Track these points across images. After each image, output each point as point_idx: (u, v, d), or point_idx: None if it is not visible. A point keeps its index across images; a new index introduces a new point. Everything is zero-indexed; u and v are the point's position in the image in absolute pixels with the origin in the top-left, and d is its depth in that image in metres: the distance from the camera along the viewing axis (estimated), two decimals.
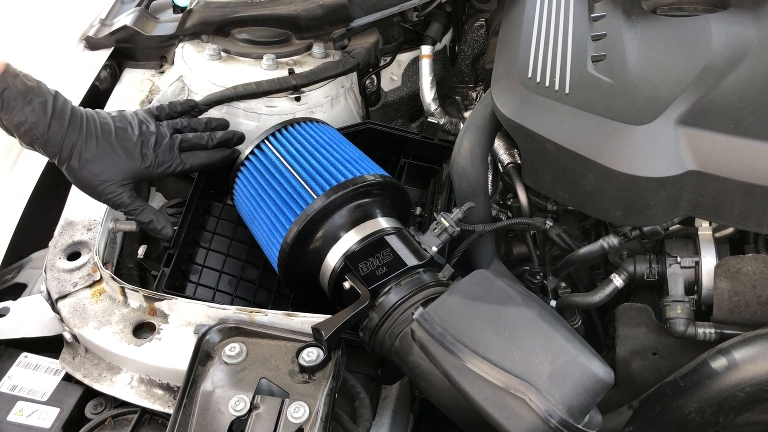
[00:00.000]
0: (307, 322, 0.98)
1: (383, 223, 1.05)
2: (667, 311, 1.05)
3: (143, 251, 1.19)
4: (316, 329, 0.90)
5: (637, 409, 1.05)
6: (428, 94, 1.57)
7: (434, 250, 1.01)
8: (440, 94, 1.62)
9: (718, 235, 1.08)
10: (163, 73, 1.50)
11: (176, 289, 1.11)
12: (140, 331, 1.03)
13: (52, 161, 1.06)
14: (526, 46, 1.11)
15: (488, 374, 0.76)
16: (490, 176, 1.23)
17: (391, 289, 0.94)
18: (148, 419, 0.98)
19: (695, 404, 0.94)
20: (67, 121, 1.03)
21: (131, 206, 1.09)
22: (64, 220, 1.17)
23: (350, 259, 0.99)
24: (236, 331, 0.95)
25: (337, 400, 0.88)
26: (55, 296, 1.06)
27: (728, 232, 1.08)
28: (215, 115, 1.31)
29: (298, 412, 0.83)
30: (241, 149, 1.21)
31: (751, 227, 0.93)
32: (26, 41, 1.50)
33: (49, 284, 1.08)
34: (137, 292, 1.04)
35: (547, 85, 1.02)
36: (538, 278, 1.21)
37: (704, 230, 1.08)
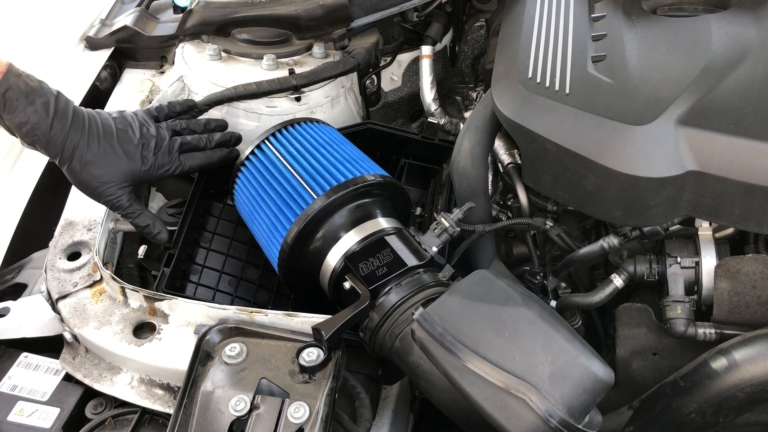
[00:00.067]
0: (307, 322, 0.98)
1: (383, 223, 1.05)
2: (667, 311, 1.05)
3: (143, 251, 1.19)
4: (316, 329, 0.90)
5: (637, 409, 1.05)
6: (428, 94, 1.57)
7: (434, 250, 1.01)
8: (440, 94, 1.62)
9: (718, 235, 1.08)
10: (163, 73, 1.50)
11: (176, 289, 1.11)
12: (140, 331, 1.03)
13: (52, 161, 1.06)
14: (526, 46, 1.11)
15: (488, 374, 0.76)
16: (490, 176, 1.23)
17: (391, 289, 0.94)
18: (148, 419, 0.98)
19: (695, 404, 0.95)
20: (69, 121, 1.03)
21: (129, 209, 1.09)
22: (64, 220, 1.17)
23: (350, 259, 0.99)
24: (236, 331, 0.95)
25: (337, 400, 0.88)
26: (55, 296, 1.06)
27: (728, 232, 1.08)
28: (215, 115, 1.31)
29: (298, 412, 0.83)
30: (241, 149, 1.21)
31: (751, 227, 0.93)
32: (27, 41, 1.50)
33: (49, 284, 1.08)
34: (137, 292, 1.04)
35: (547, 85, 1.02)
36: (538, 278, 1.21)
37: (704, 230, 1.08)
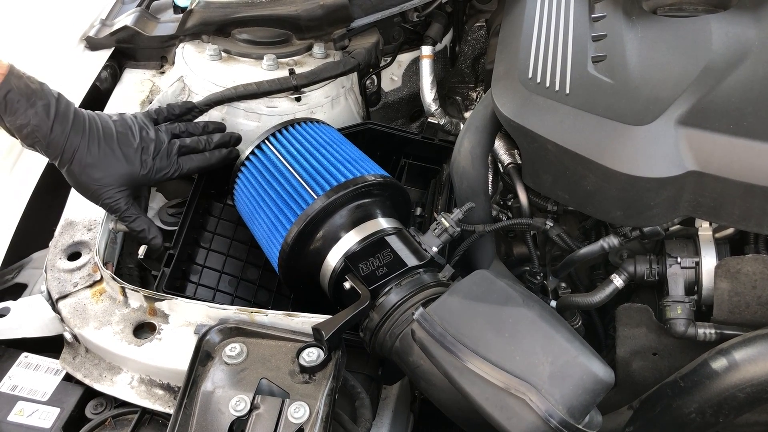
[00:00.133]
0: (307, 322, 0.98)
1: (383, 223, 1.05)
2: (667, 311, 1.05)
3: (143, 251, 1.19)
4: (316, 329, 0.90)
5: (637, 409, 1.05)
6: (428, 94, 1.57)
7: (434, 250, 1.01)
8: (440, 94, 1.62)
9: (718, 235, 1.08)
10: (163, 73, 1.50)
11: (176, 289, 1.11)
12: (141, 331, 1.03)
13: (52, 162, 1.06)
14: (526, 46, 1.11)
15: (488, 374, 0.76)
16: (490, 176, 1.23)
17: (391, 289, 0.94)
18: (148, 419, 0.98)
19: (695, 405, 0.95)
20: (69, 124, 1.03)
21: (126, 212, 1.10)
22: (64, 220, 1.17)
23: (350, 259, 0.99)
24: (236, 331, 0.95)
25: (337, 400, 0.88)
26: (55, 296, 1.06)
27: (728, 232, 1.08)
28: (215, 115, 1.31)
29: (298, 412, 0.83)
30: (241, 149, 1.21)
31: (751, 227, 0.93)
32: (27, 41, 1.50)
33: (49, 284, 1.08)
34: (138, 292, 1.04)
35: (547, 85, 1.02)
36: (538, 278, 1.21)
37: (704, 231, 1.08)
